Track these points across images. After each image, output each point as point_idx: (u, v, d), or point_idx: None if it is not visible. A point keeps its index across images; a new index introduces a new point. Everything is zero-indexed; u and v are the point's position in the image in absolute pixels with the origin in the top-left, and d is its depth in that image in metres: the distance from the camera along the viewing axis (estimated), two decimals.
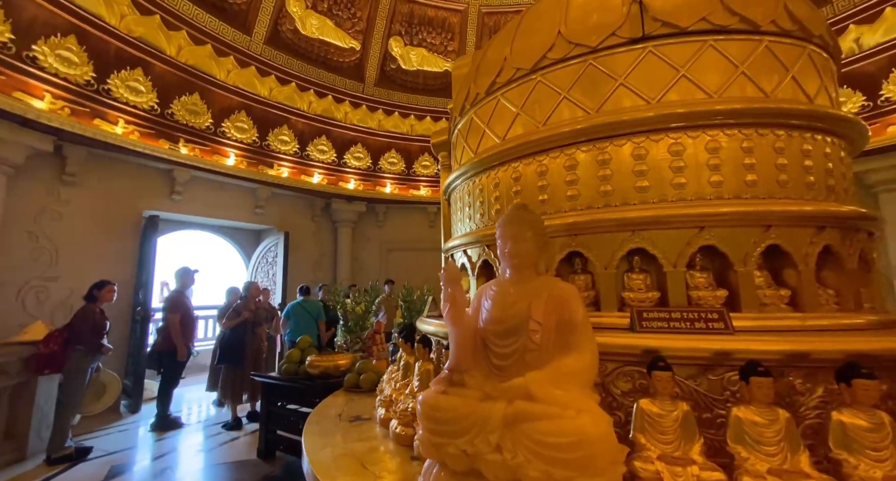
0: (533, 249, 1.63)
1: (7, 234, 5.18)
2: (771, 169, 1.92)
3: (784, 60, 2.05)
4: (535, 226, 1.65)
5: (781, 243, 1.85)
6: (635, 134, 2.00)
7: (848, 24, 6.33)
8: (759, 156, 1.92)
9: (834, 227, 1.93)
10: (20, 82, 4.95)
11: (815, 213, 1.88)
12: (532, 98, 2.32)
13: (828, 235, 1.91)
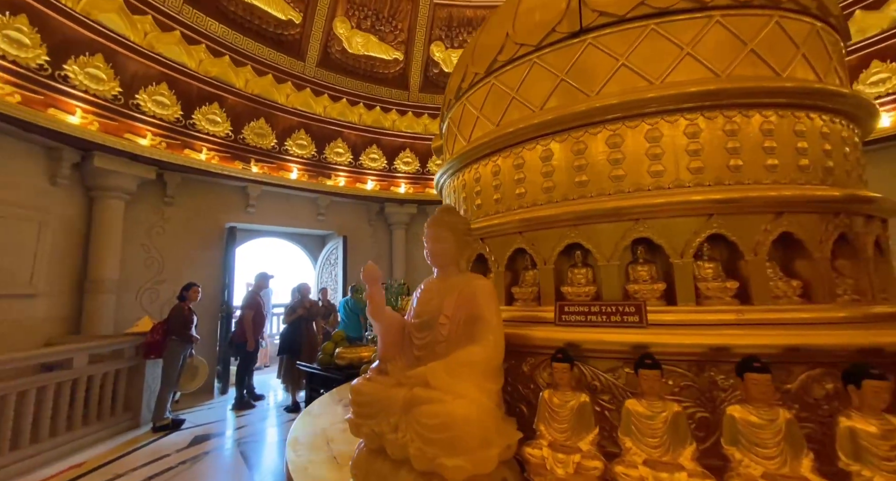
0: (452, 249, 1.77)
1: (127, 248, 6.51)
2: (722, 153, 1.80)
3: (744, 37, 1.88)
4: (454, 228, 1.79)
5: (796, 231, 1.69)
6: (574, 129, 2.00)
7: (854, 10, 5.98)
8: (705, 141, 1.81)
9: (832, 213, 1.73)
10: (127, 125, 6.19)
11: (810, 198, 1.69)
12: (489, 100, 2.41)
13: (844, 222, 1.73)
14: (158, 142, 6.60)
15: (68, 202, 5.91)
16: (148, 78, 6.40)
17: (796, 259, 1.75)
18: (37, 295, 5.42)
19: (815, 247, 1.69)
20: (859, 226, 1.79)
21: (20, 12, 4.89)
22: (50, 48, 5.20)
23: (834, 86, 1.94)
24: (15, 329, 5.11)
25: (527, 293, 2.06)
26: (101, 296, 6.01)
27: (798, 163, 1.78)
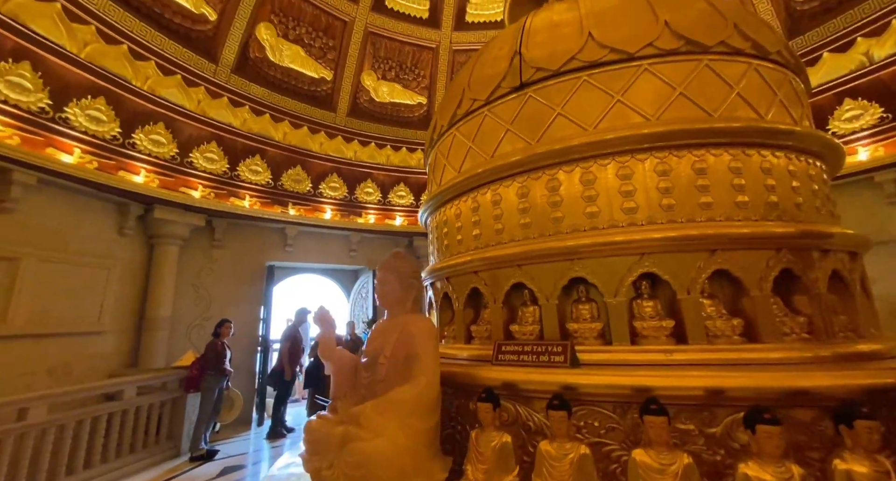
0: (397, 291, 1.93)
1: (179, 288, 7.27)
2: (655, 193, 1.84)
3: (673, 82, 1.95)
4: (398, 272, 1.95)
5: (730, 268, 1.71)
6: (517, 175, 2.13)
7: (855, 37, 6.32)
8: (637, 182, 1.87)
9: (790, 249, 1.72)
10: (182, 180, 7.08)
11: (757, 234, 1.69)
12: (452, 148, 2.61)
13: (786, 258, 1.72)
14: (208, 193, 7.45)
15: (132, 249, 6.78)
16: (200, 138, 7.35)
17: (742, 297, 1.71)
18: (103, 332, 6.18)
19: (753, 285, 1.66)
20: (810, 261, 1.72)
21: (99, 94, 5.92)
22: (123, 122, 6.20)
23: (780, 122, 1.94)
24: (84, 362, 5.83)
25: (482, 331, 2.15)
26: (155, 332, 6.71)
27: (735, 200, 1.78)
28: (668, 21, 1.95)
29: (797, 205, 1.82)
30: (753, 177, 1.81)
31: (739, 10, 2.07)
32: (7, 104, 4.92)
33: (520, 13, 3.43)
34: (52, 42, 5.19)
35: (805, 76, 2.21)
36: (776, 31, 2.08)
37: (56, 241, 5.68)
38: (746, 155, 1.83)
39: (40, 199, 5.47)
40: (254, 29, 7.49)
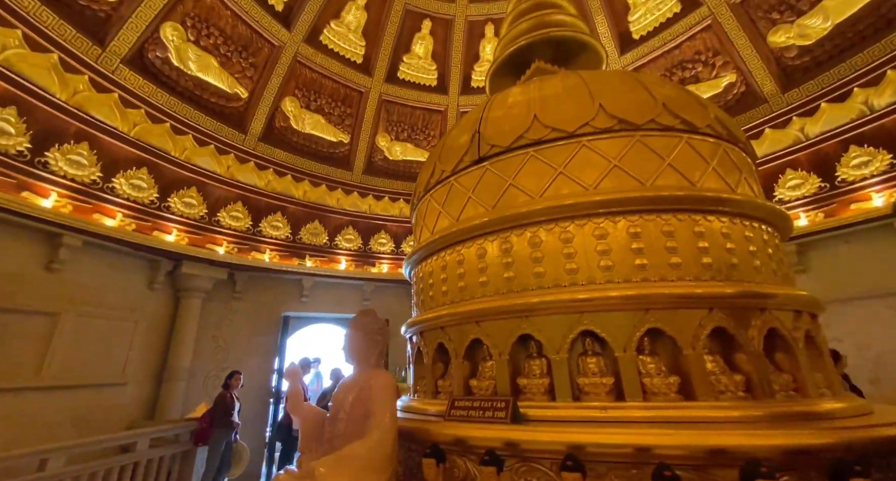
0: (362, 347, 2.11)
1: (200, 339, 7.63)
2: (594, 256, 2.00)
3: (609, 156, 2.18)
4: (365, 328, 2.14)
5: (664, 327, 1.82)
6: (474, 239, 2.35)
7: (852, 87, 6.57)
8: (578, 245, 2.04)
9: (724, 308, 1.81)
10: (209, 238, 7.69)
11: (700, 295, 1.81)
12: (427, 211, 2.88)
13: (718, 317, 1.81)
14: (232, 249, 8.02)
15: (159, 303, 7.27)
16: (228, 199, 8.06)
17: (679, 355, 1.79)
18: (127, 383, 6.50)
19: (686, 344, 1.74)
20: (744, 320, 1.80)
21: (142, 165, 6.72)
22: (160, 188, 6.94)
23: (713, 189, 2.10)
24: (106, 413, 6.11)
25: (447, 386, 2.26)
26: (174, 383, 6.99)
27: (668, 261, 1.91)
28: (603, 104, 2.22)
29: (732, 266, 1.92)
30: (686, 240, 1.94)
31: (674, 91, 2.33)
32: (65, 179, 5.68)
33: (496, 87, 3.84)
34: (108, 125, 6.05)
35: (744, 145, 2.38)
36: (709, 108, 2.30)
37: (93, 297, 6.21)
38: (678, 220, 1.98)
39: (83, 259, 6.08)
40: (280, 102, 8.42)
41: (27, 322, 5.41)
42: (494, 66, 3.81)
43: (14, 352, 5.25)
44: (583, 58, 3.70)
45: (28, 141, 5.23)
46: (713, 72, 8.33)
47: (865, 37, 6.73)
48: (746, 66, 7.83)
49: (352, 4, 8.27)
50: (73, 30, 5.37)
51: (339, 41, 8.53)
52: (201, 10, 6.68)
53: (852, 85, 6.75)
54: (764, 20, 7.55)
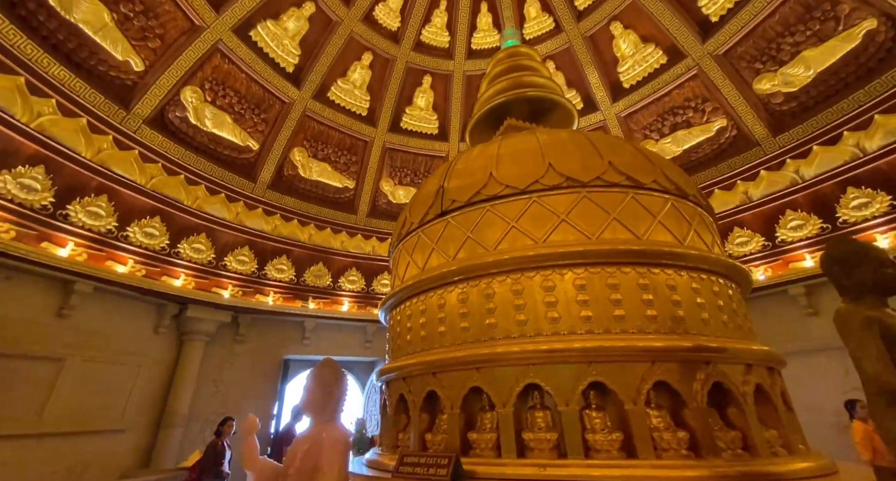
0: (318, 399, 2.16)
1: (200, 383, 7.66)
2: (542, 307, 2.07)
3: (558, 211, 2.30)
4: (322, 379, 2.20)
5: (605, 380, 1.85)
6: (439, 287, 2.44)
7: (842, 131, 6.69)
8: (527, 297, 2.11)
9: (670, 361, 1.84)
10: (215, 282, 7.94)
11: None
12: (399, 260, 3.00)
13: (660, 370, 1.84)
14: (237, 292, 8.23)
15: (164, 347, 7.41)
16: (235, 244, 8.39)
17: (622, 410, 1.80)
18: (125, 430, 6.51)
19: (628, 398, 1.75)
20: (688, 374, 1.81)
21: (156, 214, 7.13)
22: (171, 234, 7.31)
23: (661, 242, 2.18)
24: (102, 460, 6.08)
25: (406, 440, 2.27)
26: (171, 429, 6.95)
27: (612, 313, 1.96)
28: (553, 163, 2.38)
29: (677, 319, 1.96)
30: (630, 293, 2.00)
31: (622, 150, 2.48)
32: (83, 229, 6.07)
33: (476, 139, 4.10)
34: (127, 179, 6.53)
35: (695, 198, 2.48)
36: (655, 164, 2.43)
37: (99, 341, 6.39)
38: (622, 272, 2.05)
39: (93, 305, 6.33)
40: (289, 153, 8.97)
41: (33, 367, 5.57)
42: (473, 121, 4.09)
43: (18, 398, 5.37)
44: (555, 115, 3.95)
45: (52, 195, 5.68)
46: (704, 117, 8.59)
47: (849, 83, 6.94)
48: (735, 111, 8.07)
49: (357, 64, 8.98)
50: (101, 96, 5.97)
51: (346, 96, 9.17)
52: (218, 74, 7.37)
53: (842, 129, 6.88)
54: (748, 70, 7.87)
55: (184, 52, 6.65)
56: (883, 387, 1.57)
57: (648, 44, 8.51)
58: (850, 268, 1.82)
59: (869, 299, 1.81)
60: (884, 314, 1.74)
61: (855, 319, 1.72)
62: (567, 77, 9.44)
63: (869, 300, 1.80)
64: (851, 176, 6.65)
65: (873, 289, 1.80)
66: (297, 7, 7.74)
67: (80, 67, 5.73)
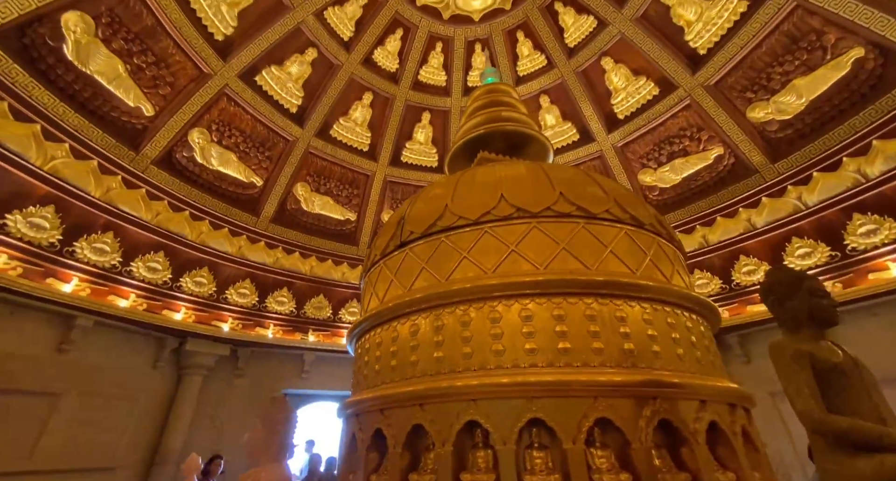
0: (260, 438, 2.12)
1: (196, 419, 7.58)
2: (487, 339, 2.03)
3: (507, 241, 2.30)
4: (267, 417, 2.17)
5: (545, 417, 1.77)
6: (393, 319, 2.42)
7: (841, 157, 6.62)
8: (474, 329, 2.08)
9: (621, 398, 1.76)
10: (216, 315, 8.03)
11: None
12: (365, 292, 3.01)
13: (604, 406, 1.76)
14: (237, 325, 8.29)
15: (161, 381, 7.42)
16: (237, 277, 8.54)
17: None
18: (115, 468, 6.42)
19: (567, 437, 1.67)
20: (631, 411, 1.72)
21: (160, 249, 7.37)
22: (174, 269, 7.51)
23: (614, 272, 2.14)
24: None
25: None
26: (163, 467, 6.83)
27: (556, 346, 1.91)
28: (505, 194, 2.40)
29: (626, 352, 1.89)
30: (576, 324, 1.95)
31: (574, 180, 2.50)
32: (88, 264, 6.31)
33: (454, 169, 4.20)
34: (133, 216, 6.82)
35: (653, 227, 2.45)
36: (609, 194, 2.43)
37: (96, 376, 6.45)
38: (569, 303, 2.01)
39: (93, 339, 6.45)
40: (292, 188, 9.27)
41: (28, 403, 5.63)
42: (451, 153, 4.21)
43: (11, 434, 5.40)
44: (531, 148, 4.04)
45: (60, 233, 5.96)
46: (701, 145, 8.61)
47: (843, 110, 6.93)
48: (731, 139, 8.08)
49: (358, 103, 9.41)
50: (112, 140, 6.37)
51: (348, 134, 9.56)
52: (225, 116, 7.82)
53: (841, 154, 6.80)
54: (740, 99, 7.94)
55: (192, 97, 7.10)
56: (816, 426, 1.47)
57: (640, 76, 8.72)
58: (784, 299, 1.76)
59: (806, 331, 1.72)
60: (818, 347, 1.65)
61: (786, 353, 1.64)
62: (562, 110, 9.68)
63: (806, 332, 1.72)
64: (856, 202, 6.50)
65: (809, 321, 1.71)
66: (300, 53, 8.27)
67: (93, 114, 6.16)
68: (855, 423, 1.48)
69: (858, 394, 1.58)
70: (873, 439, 1.44)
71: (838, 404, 1.56)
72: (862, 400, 1.57)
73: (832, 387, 1.59)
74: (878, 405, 1.57)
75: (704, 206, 8.53)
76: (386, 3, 8.44)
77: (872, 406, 1.56)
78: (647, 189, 9.32)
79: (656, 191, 9.17)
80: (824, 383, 1.60)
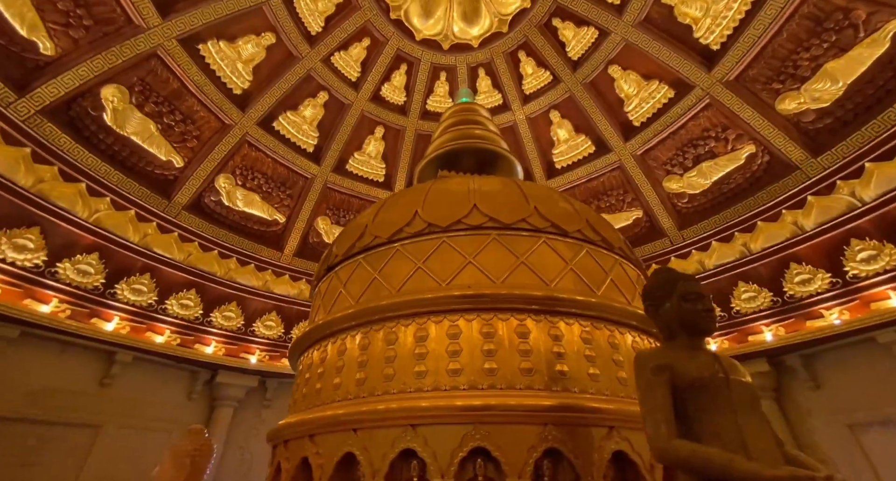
0: (168, 471, 2.12)
1: (227, 450, 7.84)
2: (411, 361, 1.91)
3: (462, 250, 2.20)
4: (175, 450, 2.17)
5: (487, 446, 1.61)
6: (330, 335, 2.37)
7: (835, 180, 6.33)
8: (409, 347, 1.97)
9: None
10: (244, 347, 8.42)
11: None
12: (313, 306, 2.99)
13: (551, 435, 1.57)
14: (264, 357, 8.62)
15: (195, 413, 7.81)
16: (264, 310, 8.95)
17: None
18: None
19: (512, 471, 1.47)
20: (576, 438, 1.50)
21: (191, 287, 7.94)
22: (205, 304, 8.04)
23: (563, 289, 1.96)
24: None
25: None
26: None
27: (483, 366, 1.75)
28: (419, 211, 2.34)
29: (559, 373, 1.68)
30: (505, 342, 1.78)
31: (492, 191, 2.38)
32: (127, 304, 6.94)
33: (423, 179, 4.25)
34: (168, 257, 7.47)
35: (598, 247, 2.24)
36: (531, 202, 2.28)
37: (135, 409, 6.94)
38: (500, 319, 1.84)
39: (131, 374, 6.99)
40: (313, 222, 9.72)
41: (72, 434, 6.14)
42: (421, 165, 4.27)
43: (54, 465, 5.89)
44: (499, 164, 3.96)
45: (103, 277, 6.63)
46: (728, 145, 7.94)
47: (890, 89, 6.09)
48: (762, 135, 7.38)
49: (371, 137, 9.82)
50: (147, 191, 7.11)
51: (363, 167, 9.95)
52: (248, 160, 8.48)
53: (834, 178, 6.18)
54: (766, 91, 7.30)
55: (216, 146, 7.80)
56: (658, 454, 1.22)
57: (652, 80, 8.33)
58: (659, 304, 1.50)
59: (681, 339, 1.45)
60: (684, 359, 1.38)
61: (647, 366, 1.39)
62: (574, 123, 9.43)
63: (680, 340, 1.45)
64: (853, 227, 5.97)
65: (680, 329, 1.45)
66: (312, 97, 8.86)
67: (131, 170, 6.94)
68: (697, 451, 1.23)
69: (722, 415, 1.31)
70: (716, 469, 1.20)
71: (698, 426, 1.31)
72: (725, 421, 1.30)
73: (692, 407, 1.32)
74: (743, 427, 1.29)
75: (742, 210, 7.74)
76: (388, 41, 8.89)
77: (736, 428, 1.29)
78: (674, 196, 8.68)
79: (685, 198, 8.50)
80: (685, 401, 1.33)
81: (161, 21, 6.60)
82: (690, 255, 8.09)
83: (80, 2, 5.98)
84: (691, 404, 1.33)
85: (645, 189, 8.82)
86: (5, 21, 5.53)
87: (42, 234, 5.96)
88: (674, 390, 1.36)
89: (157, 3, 6.49)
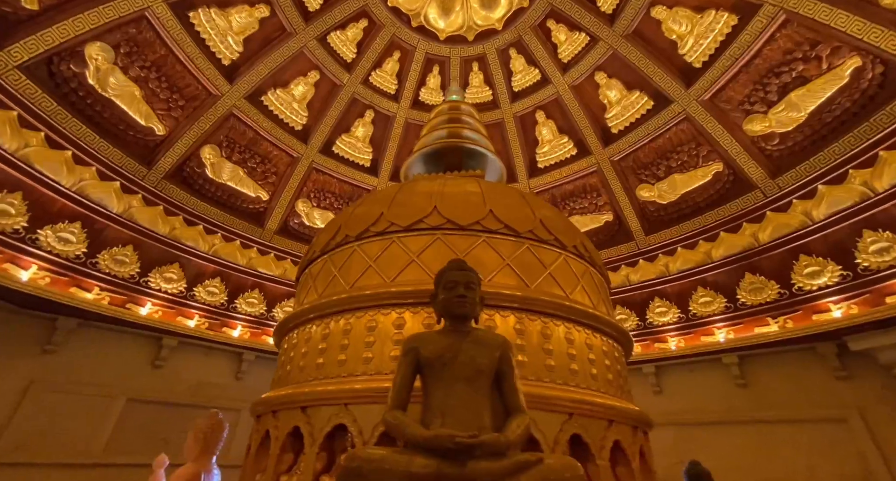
0: (189, 445, 2.34)
1: None
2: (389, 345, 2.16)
3: (412, 249, 2.45)
4: (194, 428, 2.41)
5: None
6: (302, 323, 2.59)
7: (847, 169, 6.34)
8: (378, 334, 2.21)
9: None
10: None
11: None
12: None
13: None
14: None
15: None
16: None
17: None
18: None
19: None
20: None
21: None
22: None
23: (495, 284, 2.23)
24: None
25: None
26: None
27: None
28: (385, 212, 2.58)
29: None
30: None
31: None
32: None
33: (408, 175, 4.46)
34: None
35: (546, 245, 2.50)
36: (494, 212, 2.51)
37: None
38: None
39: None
40: (295, 204, 9.69)
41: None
42: (409, 161, 4.46)
43: None
44: (483, 162, 4.20)
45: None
46: (699, 161, 8.40)
47: (845, 121, 6.64)
48: (729, 154, 7.86)
49: (360, 121, 9.84)
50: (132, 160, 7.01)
51: (350, 150, 9.97)
52: (235, 134, 8.41)
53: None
54: (737, 112, 7.74)
55: (201, 117, 7.72)
56: (383, 424, 1.51)
57: (633, 91, 8.66)
58: (434, 295, 1.77)
59: (446, 324, 1.73)
60: (434, 341, 1.64)
61: (402, 348, 1.68)
62: (558, 124, 9.72)
63: (445, 325, 1.72)
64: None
65: (444, 315, 1.72)
66: (303, 76, 8.80)
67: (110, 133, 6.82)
68: (396, 419, 1.49)
69: (437, 388, 1.57)
70: (399, 432, 1.45)
71: (426, 398, 1.60)
72: (438, 393, 1.55)
73: (426, 382, 1.62)
74: (449, 398, 1.53)
75: (706, 221, 8.26)
76: (384, 26, 8.89)
77: (443, 399, 1.52)
78: (646, 204, 9.14)
79: (654, 206, 8.98)
80: (424, 377, 1.63)
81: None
82: None
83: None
84: (426, 380, 1.62)
85: (619, 195, 9.24)
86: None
87: None
88: (420, 368, 1.63)
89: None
